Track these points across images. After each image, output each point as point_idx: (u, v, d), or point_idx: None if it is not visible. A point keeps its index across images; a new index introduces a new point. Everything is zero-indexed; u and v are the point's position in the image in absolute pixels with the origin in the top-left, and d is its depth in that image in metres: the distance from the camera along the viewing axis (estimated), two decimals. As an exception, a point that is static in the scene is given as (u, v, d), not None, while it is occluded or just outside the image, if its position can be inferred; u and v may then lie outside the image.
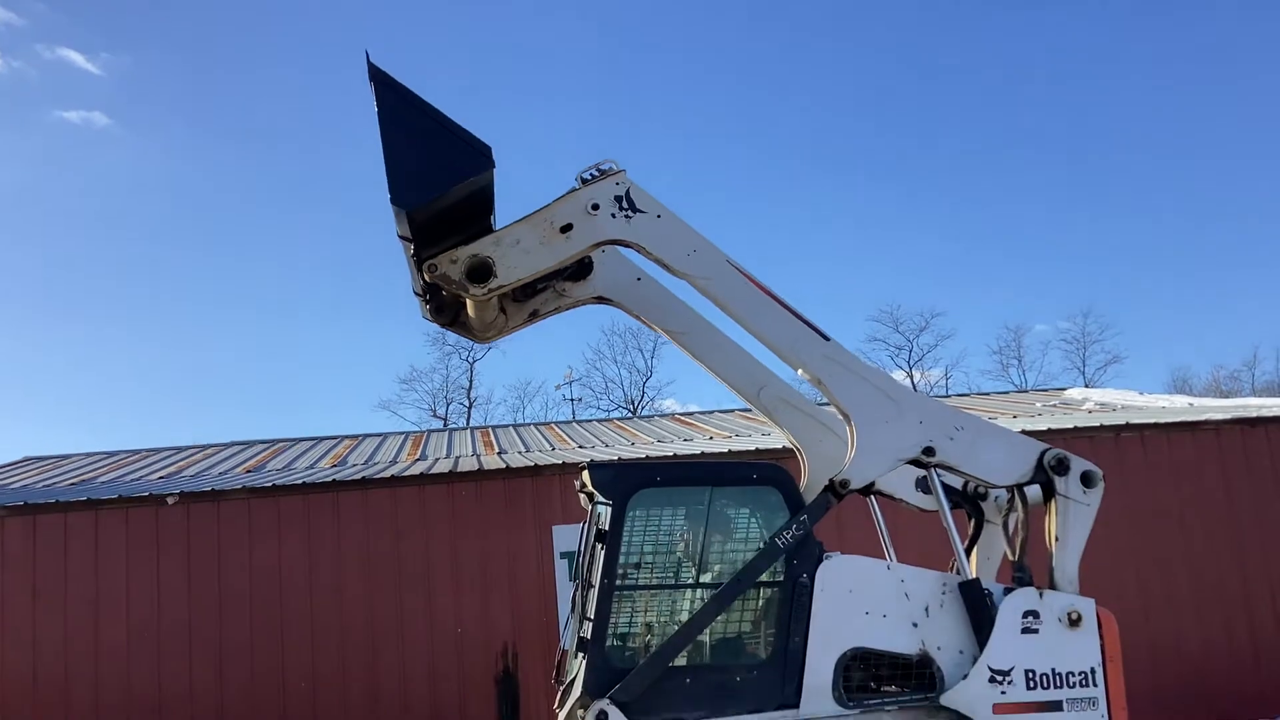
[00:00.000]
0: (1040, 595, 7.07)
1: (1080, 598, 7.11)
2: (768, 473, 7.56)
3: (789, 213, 76.56)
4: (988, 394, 25.43)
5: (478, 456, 16.50)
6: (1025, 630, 6.97)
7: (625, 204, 7.18)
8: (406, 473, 14.59)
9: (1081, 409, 17.91)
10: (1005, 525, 7.72)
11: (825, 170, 77.33)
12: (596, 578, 7.28)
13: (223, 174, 75.37)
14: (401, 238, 7.14)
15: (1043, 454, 7.29)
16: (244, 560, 13.45)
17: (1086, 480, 7.28)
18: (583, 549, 7.69)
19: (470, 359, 54.57)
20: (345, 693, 13.21)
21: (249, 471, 15.84)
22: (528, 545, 13.88)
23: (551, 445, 18.32)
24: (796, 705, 6.93)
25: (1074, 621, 7.00)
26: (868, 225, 76.75)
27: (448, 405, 55.33)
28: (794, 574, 7.15)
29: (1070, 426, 14.94)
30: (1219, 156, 72.88)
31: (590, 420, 26.80)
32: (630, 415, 43.15)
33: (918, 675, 7.01)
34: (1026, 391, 26.53)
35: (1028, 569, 7.40)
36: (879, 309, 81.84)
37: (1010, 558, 7.61)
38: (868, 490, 7.31)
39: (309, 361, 74.23)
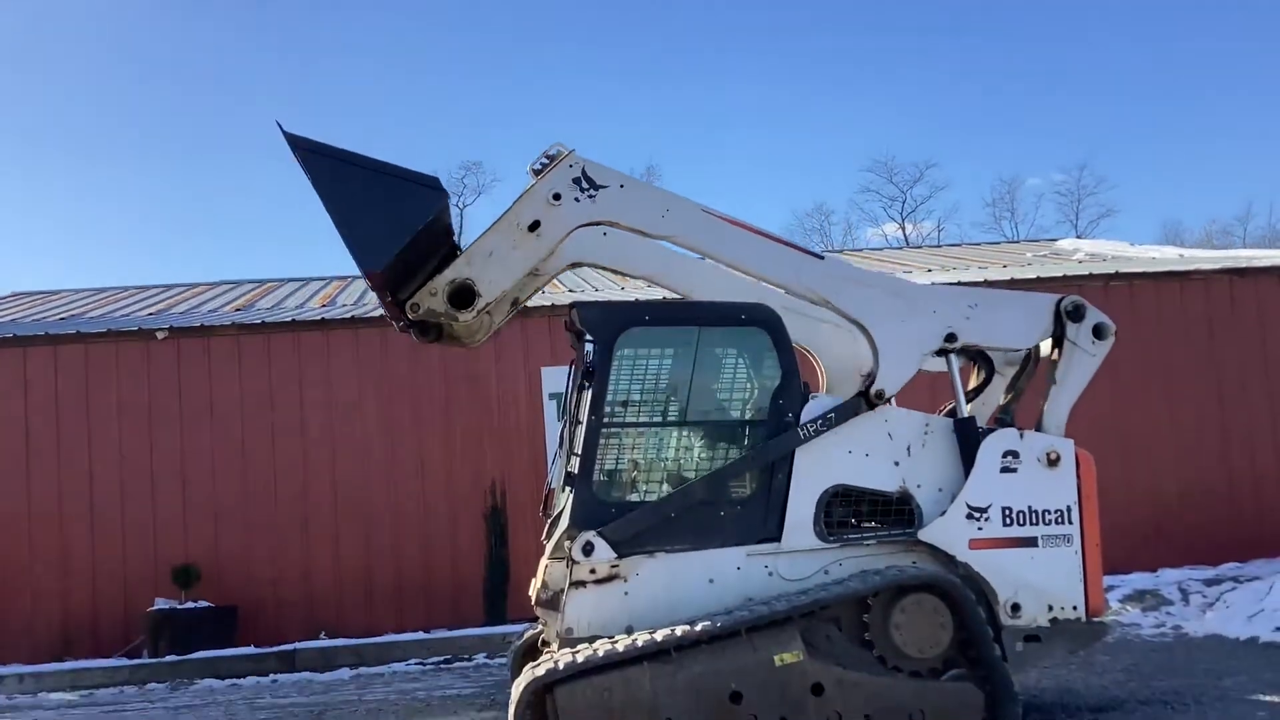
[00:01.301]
0: (1021, 435, 7.21)
1: (1060, 439, 7.25)
2: (756, 314, 7.57)
3: (788, 57, 74.93)
4: (979, 244, 25.29)
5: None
6: (1004, 470, 7.13)
7: (585, 184, 7.11)
8: (396, 313, 14.55)
9: (1072, 259, 17.89)
10: (1016, 377, 7.78)
11: (824, 14, 75.43)
12: (584, 415, 7.38)
13: (218, 10, 73.40)
14: (373, 289, 7.12)
15: (1059, 302, 7.37)
16: (235, 396, 13.57)
17: (1098, 332, 7.38)
18: (570, 387, 7.76)
19: (460, 205, 54.01)
20: (337, 530, 13.48)
21: (239, 310, 15.81)
22: (516, 387, 14.01)
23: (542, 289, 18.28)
24: (778, 539, 7.12)
25: (1052, 461, 7.14)
26: (864, 71, 75.23)
27: (439, 250, 54.92)
28: (779, 413, 7.28)
29: (1059, 275, 14.97)
30: (1223, 8, 71.10)
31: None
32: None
33: (897, 512, 7.19)
34: (1018, 242, 26.42)
35: (1012, 412, 7.54)
36: (873, 159, 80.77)
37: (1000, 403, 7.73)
38: None
39: (296, 200, 73.36)
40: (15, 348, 13.40)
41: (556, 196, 7.07)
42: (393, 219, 6.65)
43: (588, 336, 7.51)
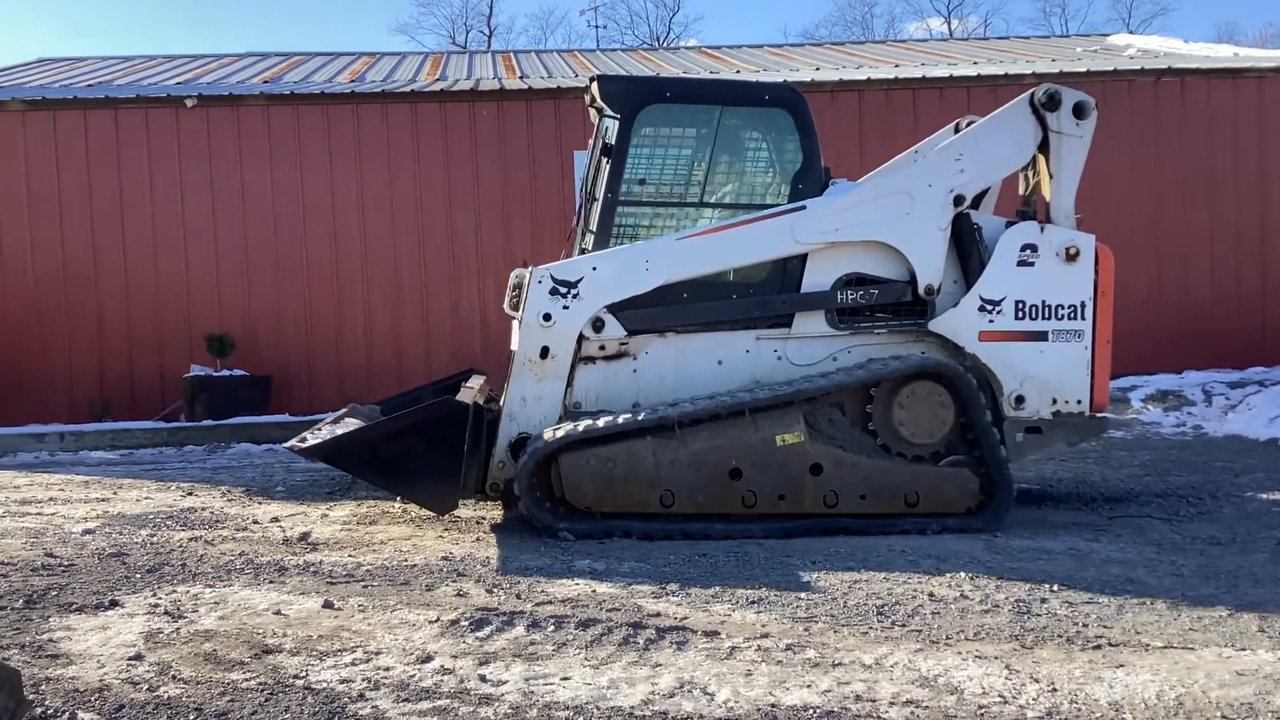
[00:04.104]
0: (1041, 229, 7.14)
1: (1080, 233, 7.17)
2: (780, 94, 7.43)
3: None
4: (1027, 38, 24.43)
5: (499, 79, 16.13)
6: (1022, 263, 7.10)
7: (562, 289, 6.96)
8: (427, 89, 14.32)
9: (1123, 55, 17.26)
10: (1025, 168, 7.62)
11: None
12: (601, 191, 7.31)
13: None
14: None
15: (1031, 98, 7.20)
16: (264, 164, 13.51)
17: (1079, 111, 7.22)
18: (589, 164, 7.66)
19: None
20: (369, 303, 13.62)
21: (266, 82, 15.55)
22: (549, 168, 13.86)
23: (575, 72, 17.85)
24: (789, 325, 7.18)
25: (1071, 256, 7.09)
26: None
27: (467, 33, 53.92)
28: (797, 198, 7.21)
29: (1110, 69, 14.49)
30: None
31: (615, 49, 26.01)
32: (655, 47, 41.83)
33: (910, 303, 7.20)
34: (1069, 37, 25.50)
35: (1033, 204, 7.45)
36: (921, -52, 77.11)
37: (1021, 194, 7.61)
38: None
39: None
40: (45, 111, 13.30)
41: (547, 317, 6.95)
42: (438, 462, 6.67)
43: (608, 112, 7.38)
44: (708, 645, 4.45)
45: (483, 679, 4.05)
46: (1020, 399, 7.08)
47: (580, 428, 6.56)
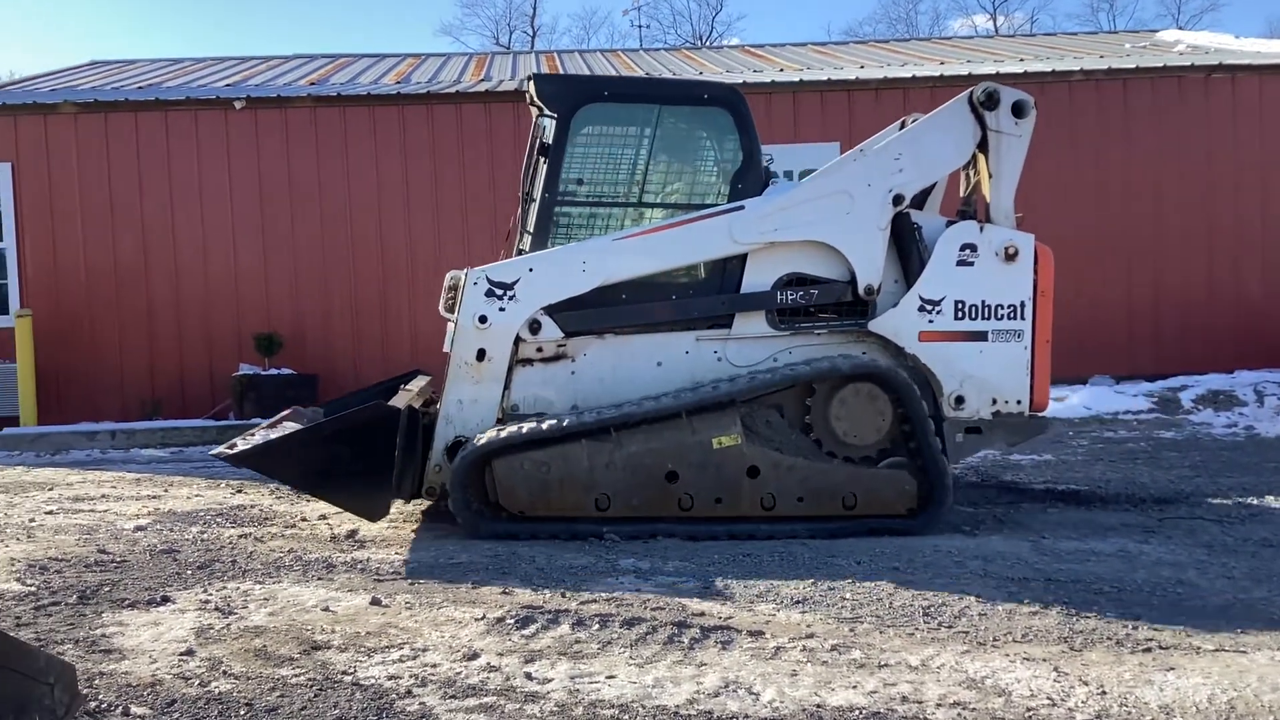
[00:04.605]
0: (981, 229, 7.07)
1: (1019, 233, 7.12)
2: (719, 93, 7.43)
3: None
4: (1074, 34, 24.16)
5: (542, 78, 16.14)
6: (961, 263, 7.04)
7: (498, 291, 6.91)
8: (472, 90, 14.40)
9: (1173, 50, 17.03)
10: (965, 167, 7.57)
11: None
12: (538, 192, 7.30)
13: None
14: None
15: (970, 97, 7.14)
16: (311, 165, 13.65)
17: (1018, 110, 7.15)
18: (527, 163, 7.64)
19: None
20: (414, 303, 13.71)
21: (313, 84, 15.69)
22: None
23: (618, 71, 17.88)
24: (729, 326, 7.15)
25: (1010, 256, 7.03)
26: None
27: (510, 33, 54.11)
28: (737, 198, 7.19)
29: (1159, 65, 14.31)
30: None
31: (658, 49, 26.02)
32: (698, 46, 41.79)
33: (851, 303, 7.16)
34: (1116, 33, 25.17)
35: (973, 204, 7.40)
36: (966, -56, 76.53)
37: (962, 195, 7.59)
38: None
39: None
40: (97, 113, 13.51)
41: (483, 319, 6.92)
42: (368, 467, 6.45)
43: (546, 111, 7.38)
44: (752, 645, 4.45)
45: (528, 677, 4.08)
46: (960, 399, 7.02)
47: (511, 432, 6.54)
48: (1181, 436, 10.84)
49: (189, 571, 5.80)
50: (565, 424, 6.53)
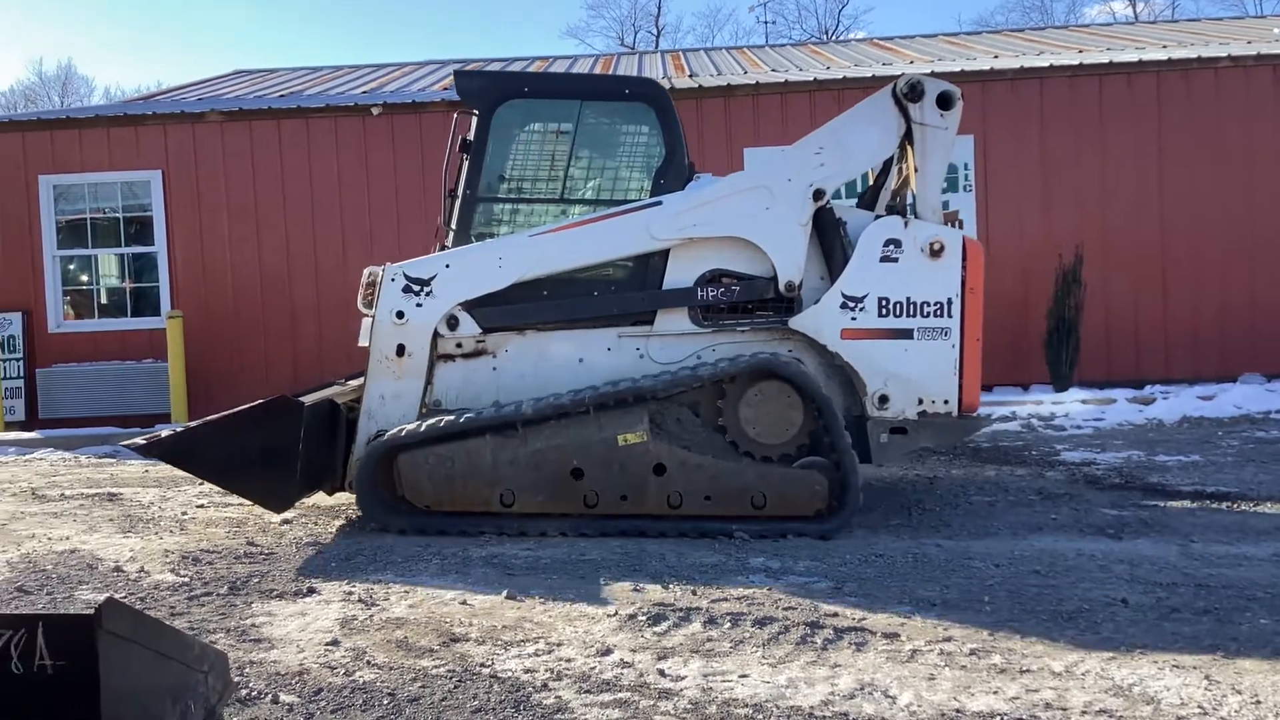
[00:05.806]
0: (905, 224, 6.87)
1: (945, 229, 6.93)
2: (641, 88, 7.41)
3: None
4: (1219, 19, 23.22)
5: (669, 79, 16.22)
6: (885, 259, 6.85)
7: (415, 287, 6.94)
8: (599, 90, 14.51)
9: (1329, 33, 16.25)
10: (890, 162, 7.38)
11: None
12: (460, 188, 7.29)
13: None
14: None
15: (894, 89, 6.93)
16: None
17: (943, 102, 6.93)
18: (448, 159, 7.64)
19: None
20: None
21: (446, 89, 16.02)
22: (718, 165, 13.84)
23: (744, 69, 17.80)
24: (651, 322, 7.07)
25: (935, 252, 6.81)
26: None
27: (635, 33, 54.36)
28: (659, 194, 7.12)
29: (1314, 49, 13.65)
30: None
31: (784, 45, 25.83)
32: (825, 40, 41.39)
33: (777, 300, 7.02)
34: (1264, 17, 24.13)
35: (900, 201, 7.23)
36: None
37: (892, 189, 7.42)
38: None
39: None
40: (241, 121, 14.02)
41: (400, 315, 6.95)
42: (274, 459, 6.47)
43: (469, 108, 7.39)
44: (888, 647, 4.40)
45: (661, 673, 4.10)
46: (884, 399, 6.81)
47: (414, 428, 6.56)
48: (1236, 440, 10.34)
49: (333, 564, 5.99)
50: (466, 419, 6.55)
